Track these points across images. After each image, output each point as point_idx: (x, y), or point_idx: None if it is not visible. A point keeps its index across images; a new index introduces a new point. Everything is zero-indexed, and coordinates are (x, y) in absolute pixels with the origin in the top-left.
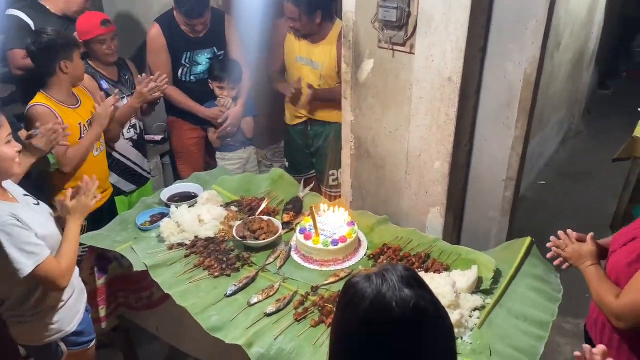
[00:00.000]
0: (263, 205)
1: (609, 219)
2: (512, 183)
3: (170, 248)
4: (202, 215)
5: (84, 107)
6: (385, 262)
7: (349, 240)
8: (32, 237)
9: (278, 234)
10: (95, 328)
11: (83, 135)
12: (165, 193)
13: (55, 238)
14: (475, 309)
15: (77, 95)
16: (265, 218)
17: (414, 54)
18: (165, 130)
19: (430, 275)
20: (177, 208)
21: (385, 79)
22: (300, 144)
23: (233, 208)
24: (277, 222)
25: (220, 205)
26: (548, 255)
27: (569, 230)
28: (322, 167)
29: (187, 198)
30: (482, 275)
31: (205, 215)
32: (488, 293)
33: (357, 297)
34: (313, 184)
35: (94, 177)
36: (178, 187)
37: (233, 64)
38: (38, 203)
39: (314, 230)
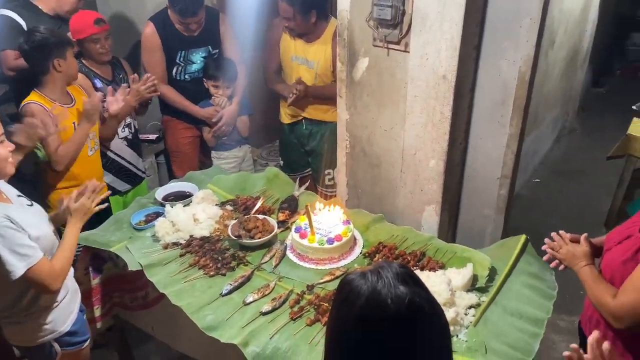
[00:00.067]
0: (258, 205)
1: (604, 217)
2: (507, 181)
3: (166, 247)
4: (197, 215)
5: (79, 106)
6: (381, 260)
7: (345, 239)
8: (25, 239)
9: (273, 233)
10: (91, 328)
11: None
12: (160, 192)
13: (49, 239)
14: (471, 307)
15: (71, 95)
16: (261, 217)
17: (409, 53)
18: (160, 130)
19: (426, 274)
20: (172, 207)
21: (381, 78)
22: (296, 143)
23: (228, 207)
24: (272, 221)
25: (216, 205)
26: (544, 258)
27: (562, 232)
28: (318, 166)
29: (182, 197)
30: (477, 273)
31: (201, 215)
32: (483, 291)
33: (352, 294)
34: (309, 183)
35: (101, 183)
36: (173, 186)
37: (228, 63)
38: (32, 204)
39: (310, 229)
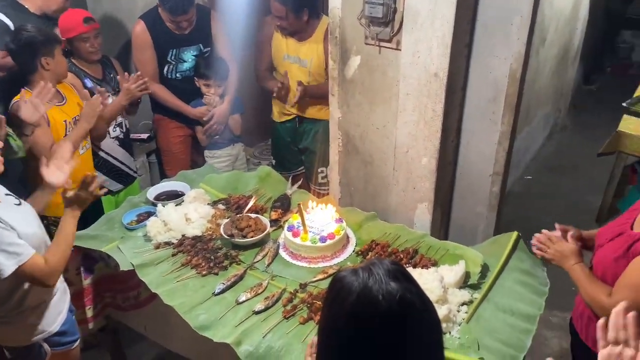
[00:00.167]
0: (251, 203)
1: (595, 213)
2: (499, 178)
3: (157, 247)
4: (189, 214)
5: (70, 104)
6: (373, 257)
7: (338, 237)
8: (13, 237)
9: (266, 232)
10: (83, 329)
11: (68, 133)
12: (152, 192)
13: (39, 237)
14: (464, 304)
15: (62, 93)
16: (253, 216)
17: (401, 51)
18: (152, 129)
19: (419, 271)
20: (164, 207)
21: (373, 76)
22: (288, 141)
23: (220, 206)
24: (265, 220)
25: (208, 204)
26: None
27: (545, 231)
28: (311, 164)
29: (174, 197)
30: (469, 270)
31: (193, 214)
32: (476, 288)
33: (344, 291)
34: (301, 181)
35: (96, 175)
36: (165, 185)
37: (219, 62)
38: (20, 203)
39: (302, 228)
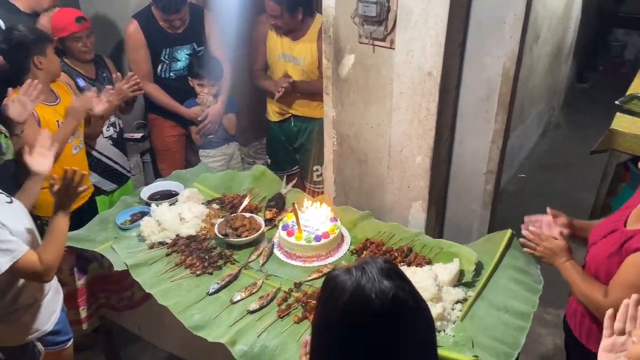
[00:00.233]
0: (245, 203)
1: (589, 210)
2: (493, 176)
3: (151, 247)
4: (183, 214)
5: (64, 104)
6: (367, 256)
7: (332, 236)
8: (5, 234)
9: (261, 231)
10: (77, 329)
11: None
12: (146, 192)
13: (30, 235)
14: (458, 302)
15: (56, 93)
16: (248, 215)
17: (394, 49)
18: (146, 128)
19: (413, 269)
20: (157, 207)
21: (367, 75)
22: (283, 140)
23: (215, 206)
24: (259, 219)
25: (202, 203)
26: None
27: (532, 228)
28: (306, 163)
29: (168, 196)
30: (464, 268)
31: (187, 214)
32: (470, 286)
33: (337, 290)
34: (296, 180)
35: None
36: (159, 185)
37: (213, 61)
38: (11, 201)
39: (297, 227)
